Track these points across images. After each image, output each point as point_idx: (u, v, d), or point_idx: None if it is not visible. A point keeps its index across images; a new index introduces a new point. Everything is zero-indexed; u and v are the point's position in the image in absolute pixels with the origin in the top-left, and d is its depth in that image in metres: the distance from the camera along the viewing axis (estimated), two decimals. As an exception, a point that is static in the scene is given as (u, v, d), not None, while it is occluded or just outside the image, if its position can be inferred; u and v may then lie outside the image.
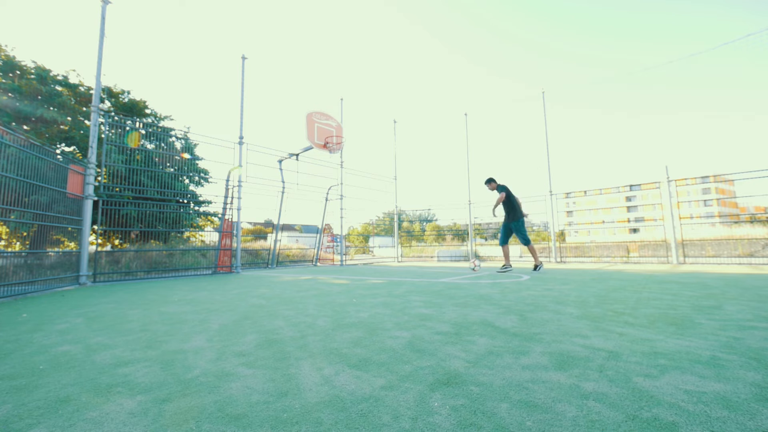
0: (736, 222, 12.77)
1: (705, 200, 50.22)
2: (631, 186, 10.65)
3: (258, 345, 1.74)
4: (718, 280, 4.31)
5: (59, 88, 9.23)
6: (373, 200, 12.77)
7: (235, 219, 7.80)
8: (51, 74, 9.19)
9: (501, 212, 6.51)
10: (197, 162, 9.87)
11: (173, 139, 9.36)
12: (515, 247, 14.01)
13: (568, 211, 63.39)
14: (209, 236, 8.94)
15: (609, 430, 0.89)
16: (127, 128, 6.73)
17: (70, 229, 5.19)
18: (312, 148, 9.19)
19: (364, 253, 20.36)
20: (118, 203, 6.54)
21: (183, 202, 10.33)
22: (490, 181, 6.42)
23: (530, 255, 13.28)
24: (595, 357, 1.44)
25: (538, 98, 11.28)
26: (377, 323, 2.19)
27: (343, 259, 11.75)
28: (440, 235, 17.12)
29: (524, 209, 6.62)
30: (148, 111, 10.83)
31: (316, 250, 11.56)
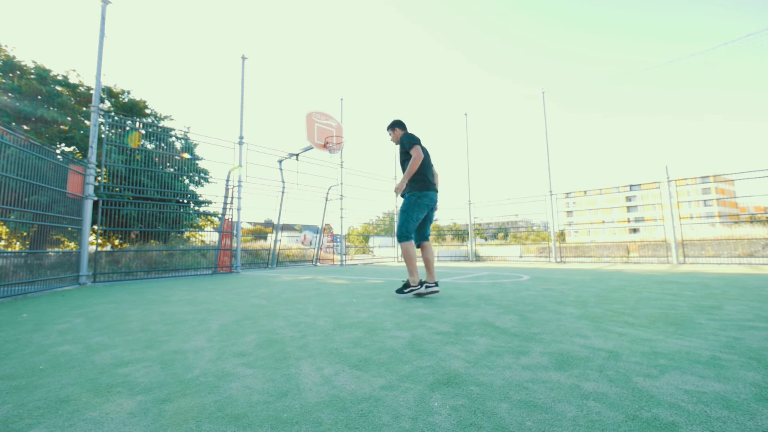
0: (736, 222, 12.77)
1: (705, 200, 50.20)
2: (631, 186, 10.65)
3: (258, 345, 1.74)
4: (718, 280, 4.31)
5: (59, 88, 9.22)
6: (373, 200, 12.78)
7: (235, 219, 7.80)
8: (51, 74, 9.19)
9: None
10: (197, 162, 9.87)
11: (173, 139, 9.36)
12: (515, 248, 14.01)
13: (568, 211, 63.40)
14: (209, 236, 8.94)
15: (609, 430, 0.89)
16: (127, 128, 6.73)
17: (70, 229, 5.18)
18: (312, 148, 9.19)
19: (364, 253, 20.35)
20: (118, 203, 6.54)
21: (183, 202, 10.32)
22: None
23: (531, 255, 13.04)
24: (595, 357, 1.44)
25: (538, 98, 11.29)
26: (377, 323, 2.19)
27: (343, 259, 11.75)
28: (440, 235, 17.12)
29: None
30: (148, 111, 10.83)
31: (316, 250, 11.56)
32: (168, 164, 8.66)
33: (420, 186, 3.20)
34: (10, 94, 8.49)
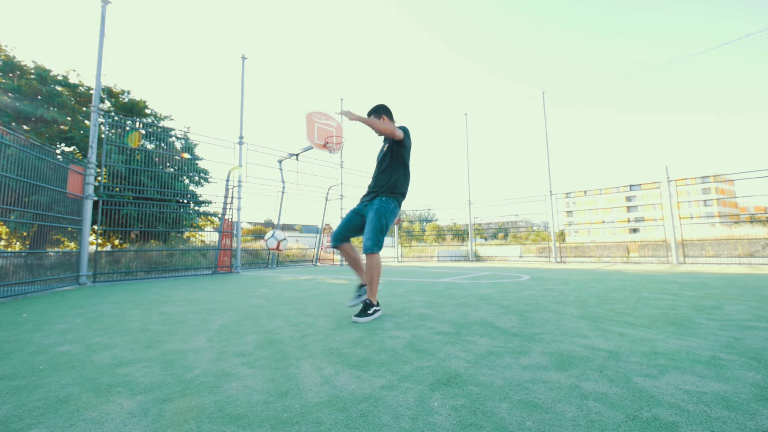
0: (736, 222, 12.78)
1: (705, 200, 50.18)
2: (631, 186, 10.65)
3: (258, 345, 1.74)
4: (718, 280, 4.31)
5: (59, 88, 9.22)
6: (373, 200, 12.77)
7: (235, 219, 7.80)
8: (51, 74, 9.19)
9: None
10: (197, 162, 9.86)
11: (173, 139, 9.35)
12: (515, 248, 14.01)
13: (568, 211, 63.38)
14: (209, 236, 8.94)
15: (609, 430, 0.89)
16: (127, 128, 6.73)
17: (70, 229, 5.18)
18: (312, 148, 9.18)
19: (364, 253, 20.33)
20: (118, 203, 6.53)
21: (183, 202, 10.32)
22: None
23: (531, 255, 12.97)
24: (595, 357, 1.44)
25: (538, 98, 11.30)
26: (377, 323, 2.19)
27: (343, 259, 11.74)
28: (440, 235, 17.13)
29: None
30: (148, 111, 10.82)
31: (316, 250, 11.56)
32: (168, 164, 8.65)
33: (400, 197, 2.66)
34: (10, 94, 8.49)
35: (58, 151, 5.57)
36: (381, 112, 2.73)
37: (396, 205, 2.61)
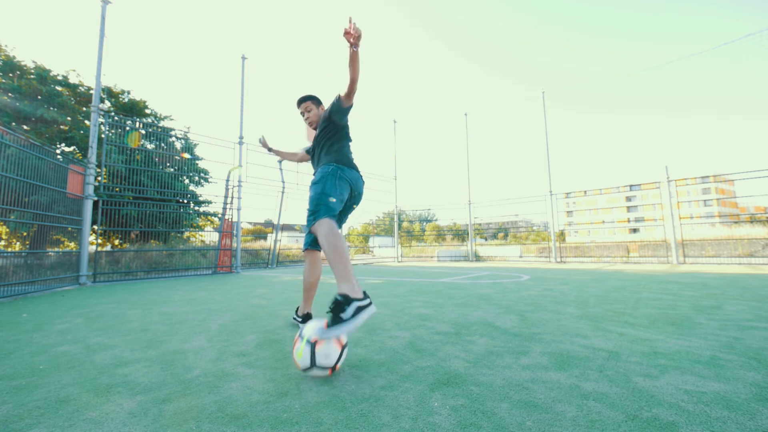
0: (736, 222, 12.78)
1: (705, 200, 50.14)
2: (631, 186, 10.65)
3: (258, 345, 1.74)
4: (718, 280, 4.31)
5: (59, 88, 9.22)
6: (372, 200, 12.77)
7: (235, 219, 7.80)
8: (51, 74, 9.18)
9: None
10: (197, 162, 9.86)
11: (173, 139, 9.35)
12: (515, 248, 14.00)
13: (568, 211, 63.36)
14: (209, 236, 8.93)
15: (609, 430, 0.89)
16: (127, 128, 6.73)
17: (70, 229, 5.18)
18: (312, 148, 9.18)
19: (364, 253, 20.36)
20: (118, 203, 6.53)
21: (183, 202, 10.32)
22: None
23: (531, 255, 12.90)
24: (595, 357, 1.44)
25: (538, 98, 11.29)
26: (377, 323, 2.18)
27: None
28: (440, 235, 17.13)
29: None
30: (148, 111, 10.82)
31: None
32: (168, 164, 8.65)
33: (342, 158, 2.17)
34: (10, 94, 8.49)
35: (58, 151, 5.57)
36: (320, 101, 2.42)
37: (336, 166, 2.13)
